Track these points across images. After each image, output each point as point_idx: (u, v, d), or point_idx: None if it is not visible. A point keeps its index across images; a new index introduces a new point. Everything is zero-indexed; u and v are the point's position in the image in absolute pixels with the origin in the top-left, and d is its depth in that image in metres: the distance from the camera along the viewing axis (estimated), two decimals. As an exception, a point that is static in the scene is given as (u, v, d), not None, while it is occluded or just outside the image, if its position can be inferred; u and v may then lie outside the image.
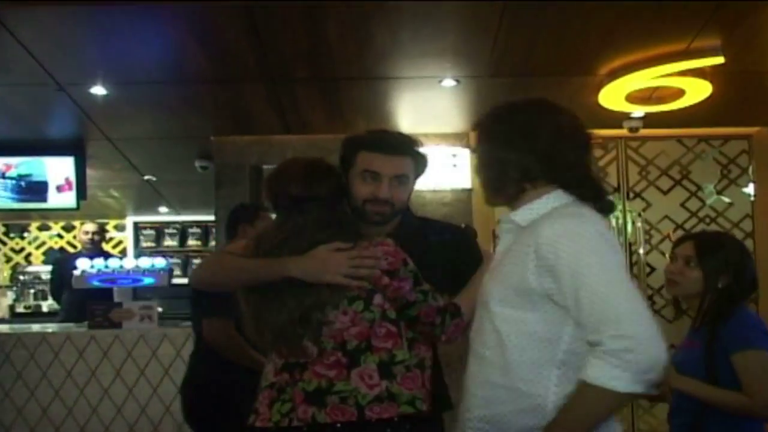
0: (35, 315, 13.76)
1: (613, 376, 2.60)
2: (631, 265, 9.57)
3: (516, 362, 2.88)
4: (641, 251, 9.62)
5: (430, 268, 3.80)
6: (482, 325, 3.06)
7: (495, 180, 3.13)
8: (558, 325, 2.84)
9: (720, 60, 7.42)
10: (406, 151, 3.92)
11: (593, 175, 3.15)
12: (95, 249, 10.66)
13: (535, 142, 3.01)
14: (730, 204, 9.92)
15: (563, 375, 2.83)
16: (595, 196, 3.05)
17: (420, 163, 3.99)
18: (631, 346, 2.58)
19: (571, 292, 2.75)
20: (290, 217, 3.54)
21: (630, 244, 9.68)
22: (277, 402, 3.38)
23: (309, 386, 3.33)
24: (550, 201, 3.02)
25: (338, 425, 3.25)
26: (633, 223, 9.63)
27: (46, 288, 12.89)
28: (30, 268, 14.89)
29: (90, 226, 10.94)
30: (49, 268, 12.95)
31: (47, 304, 14.37)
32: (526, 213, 3.05)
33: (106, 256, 10.56)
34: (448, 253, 4.05)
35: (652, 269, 9.67)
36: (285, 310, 3.40)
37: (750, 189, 9.98)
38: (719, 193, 9.84)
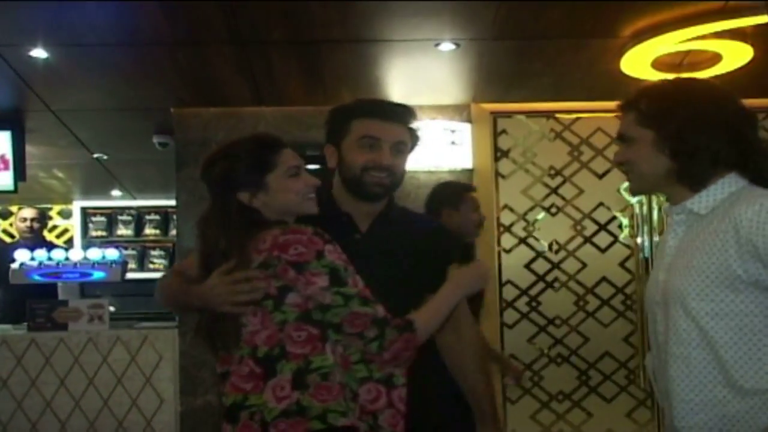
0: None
1: None
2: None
3: (733, 359, 2.97)
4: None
5: (411, 256, 4.08)
6: (675, 324, 3.11)
7: (687, 167, 3.16)
8: None
9: (763, 19, 7.36)
10: (406, 119, 4.04)
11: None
12: (35, 238, 10.68)
13: (725, 124, 3.12)
14: None
15: None
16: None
17: (414, 136, 4.11)
18: None
19: None
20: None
21: (659, 233, 9.66)
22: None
23: (227, 400, 3.41)
24: (726, 185, 3.13)
25: None
26: (659, 209, 9.60)
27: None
28: None
29: (28, 212, 10.94)
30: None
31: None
32: (703, 200, 3.16)
33: (49, 246, 10.56)
34: (430, 244, 4.24)
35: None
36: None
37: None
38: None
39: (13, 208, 14.82)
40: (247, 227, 3.52)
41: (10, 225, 15.25)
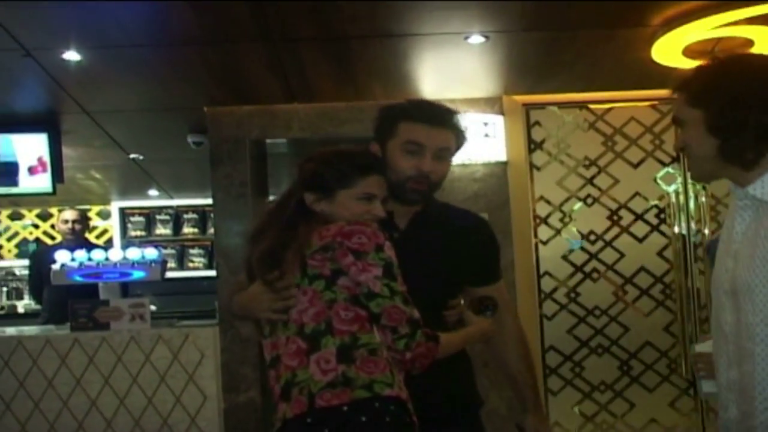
0: (10, 317, 13.85)
1: None
2: (694, 247, 9.59)
3: None
4: (706, 231, 9.59)
5: (453, 250, 4.15)
6: (742, 319, 3.05)
7: (730, 147, 3.10)
8: None
9: (797, 3, 7.39)
10: (451, 123, 4.12)
11: None
12: (77, 239, 10.77)
13: None
14: None
15: None
16: None
17: (460, 138, 4.19)
18: None
19: None
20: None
21: (694, 223, 9.69)
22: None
23: (282, 381, 3.49)
24: None
25: (293, 419, 3.40)
26: (696, 198, 9.62)
27: (21, 285, 13.01)
28: (1, 263, 14.98)
29: (69, 214, 11.02)
30: (25, 262, 13.05)
31: (23, 304, 14.50)
32: (766, 185, 3.06)
33: (90, 247, 10.62)
34: (472, 240, 4.30)
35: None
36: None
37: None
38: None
39: (53, 210, 14.92)
40: (296, 222, 3.65)
41: (51, 227, 15.35)
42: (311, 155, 3.86)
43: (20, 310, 14.41)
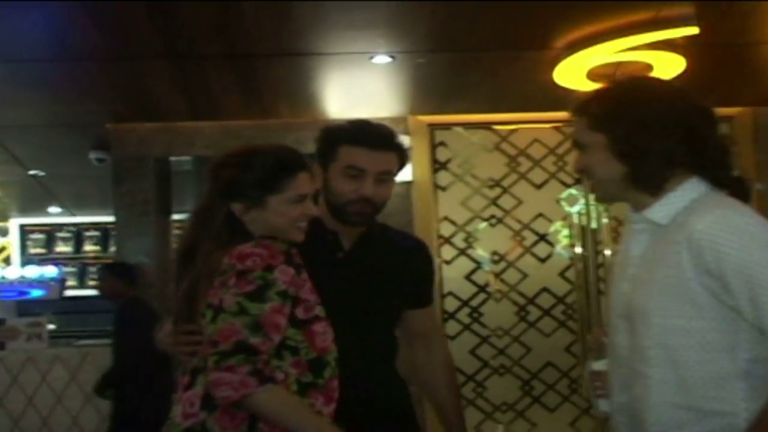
0: None
1: None
2: (596, 267, 9.69)
3: (694, 378, 2.91)
4: (607, 252, 9.67)
5: (396, 269, 4.11)
6: (636, 342, 3.05)
7: (638, 172, 3.08)
8: (732, 331, 2.88)
9: (693, 30, 7.49)
10: (392, 145, 4.01)
11: (731, 156, 3.16)
12: None
13: (677, 123, 3.01)
14: None
15: (750, 388, 2.87)
16: (734, 183, 3.08)
17: (403, 159, 4.10)
18: None
19: (744, 293, 2.78)
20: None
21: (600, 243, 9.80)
22: None
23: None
24: (687, 192, 3.04)
25: None
26: (599, 219, 9.72)
27: None
28: None
29: None
30: None
31: None
32: (664, 209, 3.06)
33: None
34: (413, 262, 4.30)
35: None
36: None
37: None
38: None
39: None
40: (227, 237, 3.34)
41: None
42: (223, 159, 3.56)
43: None
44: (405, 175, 9.63)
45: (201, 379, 3.11)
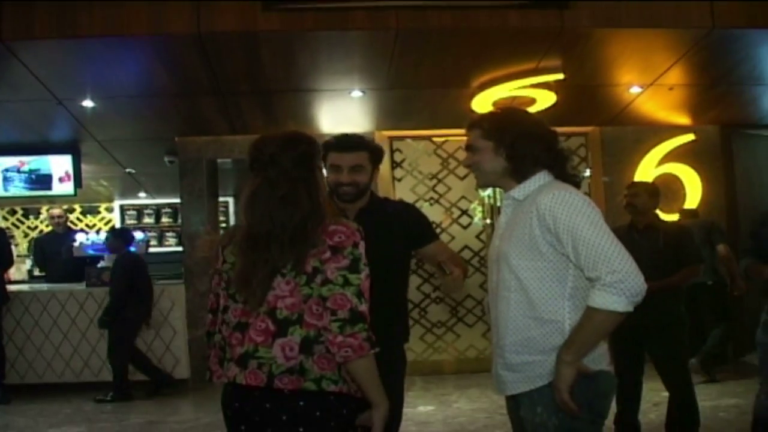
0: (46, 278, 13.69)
1: (613, 301, 2.80)
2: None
3: (537, 298, 3.01)
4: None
5: (389, 229, 4.07)
6: (502, 276, 3.12)
7: (516, 166, 3.19)
8: (563, 269, 2.99)
9: (561, 76, 7.76)
10: (360, 147, 4.06)
11: (569, 160, 3.29)
12: (63, 227, 10.78)
13: (542, 138, 3.17)
14: None
15: (573, 305, 2.98)
16: (570, 177, 3.21)
17: (375, 153, 4.14)
18: (623, 278, 2.79)
19: (570, 243, 2.91)
20: (258, 175, 2.99)
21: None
22: (224, 360, 2.97)
23: (240, 349, 2.88)
24: (538, 180, 3.16)
25: (249, 389, 2.85)
26: (501, 199, 9.67)
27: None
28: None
29: (56, 211, 11.04)
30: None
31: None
32: (522, 190, 3.17)
33: (72, 232, 10.69)
34: (402, 218, 4.25)
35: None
36: (266, 257, 2.88)
37: (587, 173, 10.14)
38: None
39: (75, 206, 14.80)
40: (321, 206, 2.97)
41: (74, 217, 15.23)
42: (286, 142, 3.01)
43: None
44: None
45: (295, 329, 2.81)
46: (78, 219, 15.47)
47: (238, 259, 3.00)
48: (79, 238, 9.99)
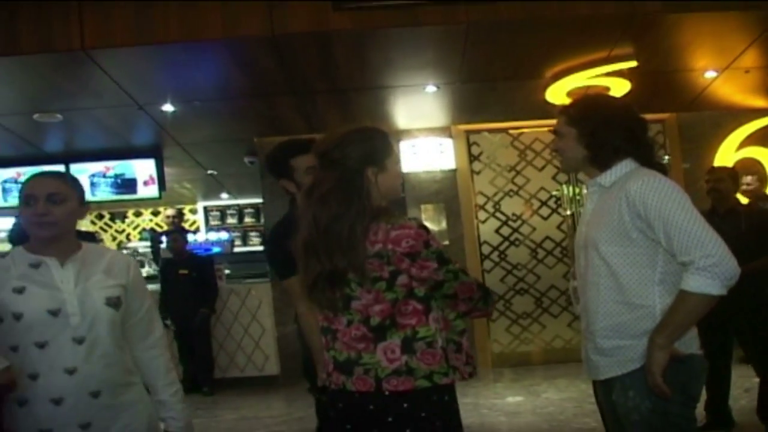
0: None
1: (708, 284, 2.83)
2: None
3: (627, 284, 3.04)
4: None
5: None
6: (592, 262, 3.16)
7: (595, 154, 3.24)
8: (653, 254, 3.01)
9: (634, 63, 7.70)
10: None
11: (655, 149, 3.32)
12: (176, 227, 10.96)
13: (624, 126, 3.19)
14: None
15: (663, 290, 3.00)
16: (656, 164, 3.22)
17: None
18: (717, 262, 2.82)
19: (661, 228, 2.93)
20: (316, 172, 2.96)
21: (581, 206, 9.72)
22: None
23: (340, 356, 2.90)
24: (624, 167, 3.18)
25: (358, 394, 2.85)
26: (579, 189, 9.60)
27: (143, 259, 13.06)
28: (130, 244, 15.00)
29: (170, 211, 11.23)
30: (145, 244, 13.29)
31: (144, 271, 14.59)
32: (608, 177, 3.21)
33: (185, 232, 10.84)
34: None
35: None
36: (319, 265, 2.85)
37: (666, 159, 10.01)
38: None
39: (160, 209, 15.07)
40: (368, 205, 2.85)
41: (156, 221, 15.50)
42: (340, 140, 2.91)
43: (143, 274, 14.39)
44: (451, 164, 9.74)
45: (392, 332, 2.81)
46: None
47: (299, 266, 2.98)
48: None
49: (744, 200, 7.37)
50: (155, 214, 15.53)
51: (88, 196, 10.03)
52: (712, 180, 6.23)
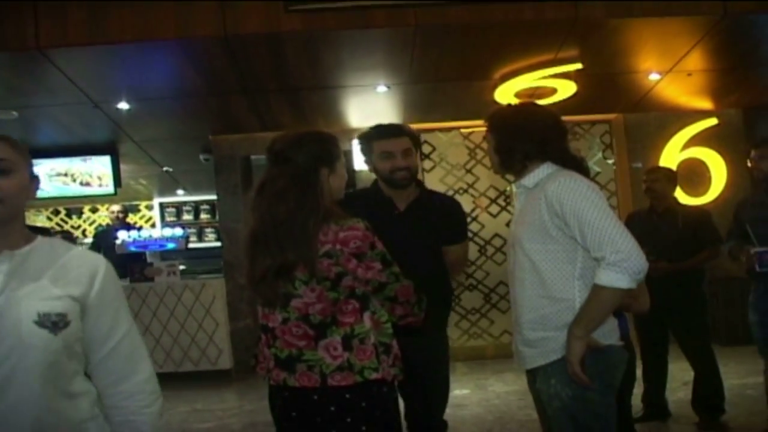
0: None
1: (617, 278, 2.94)
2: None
3: (549, 279, 3.16)
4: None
5: (437, 222, 4.19)
6: (518, 258, 3.27)
7: (505, 160, 3.37)
8: (573, 251, 3.12)
9: (579, 66, 7.81)
10: (404, 132, 4.17)
11: (572, 152, 3.43)
12: (121, 223, 10.95)
13: (533, 133, 3.30)
14: (598, 172, 10.12)
15: (583, 284, 3.12)
16: (575, 166, 3.33)
17: (416, 139, 4.24)
18: (626, 257, 2.93)
19: (576, 226, 3.04)
20: (268, 169, 3.06)
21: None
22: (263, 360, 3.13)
23: (281, 353, 2.98)
24: (545, 169, 3.29)
25: (300, 389, 2.95)
26: None
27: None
28: (86, 240, 14.92)
29: (116, 207, 11.22)
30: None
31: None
32: (530, 179, 3.31)
33: (130, 227, 10.88)
34: (449, 214, 4.37)
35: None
36: (269, 258, 2.94)
37: (612, 160, 10.26)
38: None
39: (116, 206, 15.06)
40: (321, 203, 2.95)
41: (105, 217, 15.41)
42: (296, 140, 3.04)
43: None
44: None
45: (332, 330, 2.92)
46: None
47: (245, 259, 3.08)
48: (121, 235, 10.22)
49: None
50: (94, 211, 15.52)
51: (44, 192, 10.19)
52: (648, 180, 6.43)
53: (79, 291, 2.22)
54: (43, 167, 10.17)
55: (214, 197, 12.22)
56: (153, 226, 15.23)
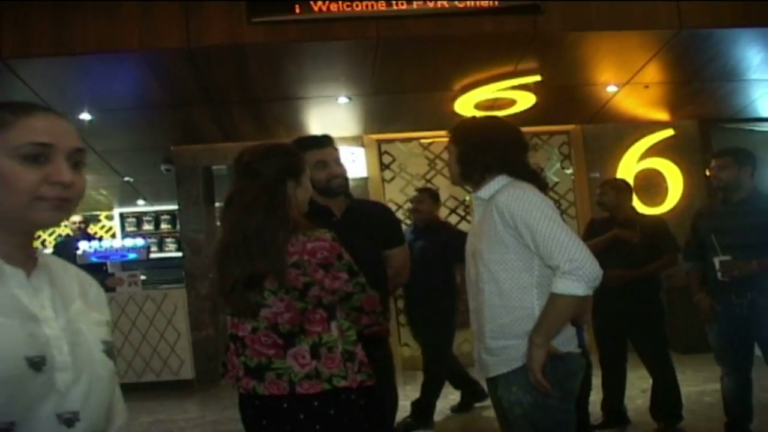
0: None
1: (573, 286, 2.98)
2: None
3: (507, 288, 3.18)
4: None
5: (371, 229, 4.17)
6: (477, 269, 3.29)
7: (466, 171, 3.41)
8: (529, 260, 3.15)
9: (538, 78, 7.91)
10: (333, 142, 4.15)
11: (531, 166, 3.46)
12: (82, 233, 10.86)
13: (493, 147, 3.33)
14: (557, 182, 10.25)
15: (541, 292, 3.13)
16: (532, 179, 3.36)
17: (338, 150, 4.22)
18: (580, 265, 2.97)
19: (529, 236, 3.08)
20: (236, 182, 3.12)
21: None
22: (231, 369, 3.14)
23: (251, 362, 3.00)
24: (500, 181, 3.31)
25: (269, 397, 2.96)
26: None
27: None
28: (46, 251, 14.80)
29: (76, 217, 11.10)
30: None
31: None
32: (486, 191, 3.33)
33: (90, 238, 10.77)
34: (381, 219, 4.37)
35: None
36: (239, 268, 2.97)
37: (570, 170, 10.39)
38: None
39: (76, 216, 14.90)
40: (289, 214, 3.00)
41: (65, 227, 15.29)
42: (265, 152, 3.14)
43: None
44: (362, 172, 9.74)
45: (301, 339, 2.95)
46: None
47: (213, 269, 3.14)
48: (82, 246, 10.15)
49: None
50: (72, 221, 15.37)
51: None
52: (599, 194, 6.54)
53: (108, 316, 1.87)
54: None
55: (174, 207, 12.18)
56: (113, 236, 15.11)
